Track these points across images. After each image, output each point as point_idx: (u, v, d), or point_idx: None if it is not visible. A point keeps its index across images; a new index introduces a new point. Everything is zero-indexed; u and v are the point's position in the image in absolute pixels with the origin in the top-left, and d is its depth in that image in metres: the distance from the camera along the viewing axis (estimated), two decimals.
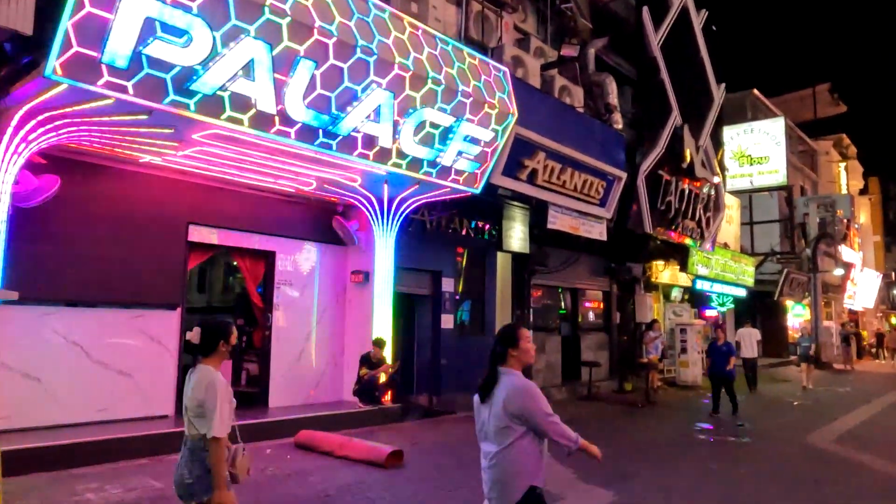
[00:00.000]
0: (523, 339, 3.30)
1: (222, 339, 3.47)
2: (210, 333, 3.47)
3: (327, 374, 10.67)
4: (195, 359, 3.51)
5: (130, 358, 8.28)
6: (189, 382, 3.45)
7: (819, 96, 39.48)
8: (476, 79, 9.05)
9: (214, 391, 3.29)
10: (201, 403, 3.29)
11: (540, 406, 3.12)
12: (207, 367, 3.42)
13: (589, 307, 16.96)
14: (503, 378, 3.21)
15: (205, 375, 3.36)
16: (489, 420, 3.19)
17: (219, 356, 3.47)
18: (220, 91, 6.38)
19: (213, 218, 9.30)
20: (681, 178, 15.51)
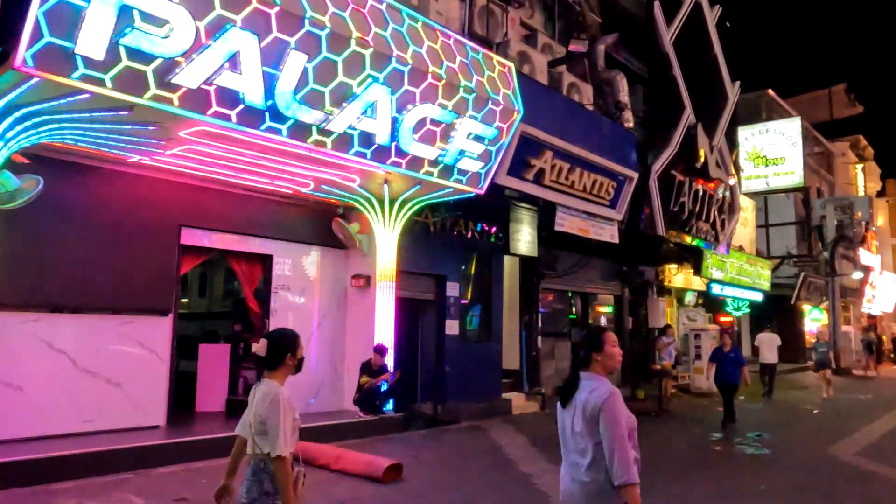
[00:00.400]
0: (609, 342, 3.14)
1: (289, 352, 3.29)
2: (276, 345, 3.27)
3: (327, 382, 10.29)
4: (260, 373, 3.34)
5: (119, 366, 7.94)
6: (253, 398, 3.25)
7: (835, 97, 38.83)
8: (479, 74, 8.67)
9: (277, 407, 3.10)
10: (264, 420, 3.11)
11: (616, 418, 2.91)
12: (272, 381, 3.23)
13: (600, 312, 16.50)
14: (586, 383, 3.06)
15: (269, 389, 3.17)
16: (572, 427, 3.05)
17: (285, 370, 3.28)
18: (205, 85, 6.05)
19: (207, 220, 8.97)
20: (694, 179, 15.04)
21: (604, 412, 2.90)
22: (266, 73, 6.38)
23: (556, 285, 14.33)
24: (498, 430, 10.64)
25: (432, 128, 8.23)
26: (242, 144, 7.17)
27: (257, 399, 3.20)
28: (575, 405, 3.03)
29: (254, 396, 3.26)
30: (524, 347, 13.44)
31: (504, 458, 8.52)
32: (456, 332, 11.63)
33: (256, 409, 3.17)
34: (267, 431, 3.10)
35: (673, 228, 14.35)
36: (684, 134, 14.30)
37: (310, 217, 10.14)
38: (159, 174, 8.32)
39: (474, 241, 12.11)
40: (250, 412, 3.21)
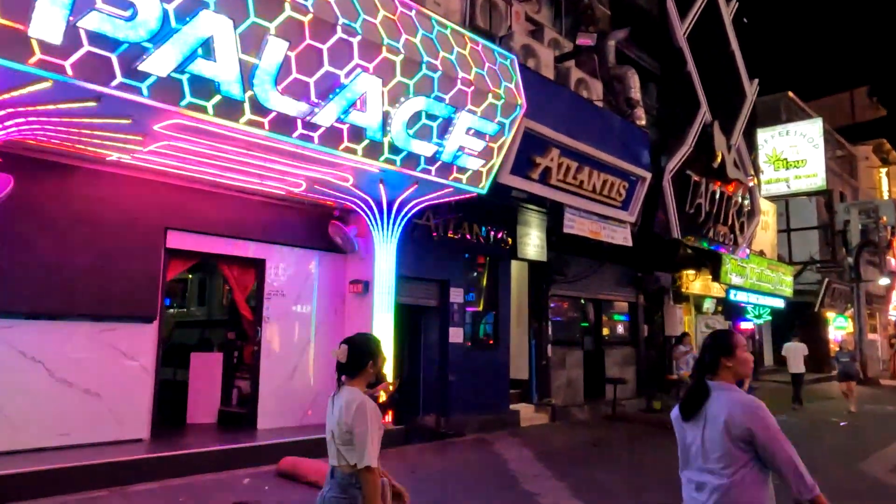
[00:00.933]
0: (739, 346, 2.89)
1: (371, 359, 3.18)
2: (358, 352, 3.16)
3: (324, 392, 9.80)
4: (339, 380, 3.19)
5: (99, 376, 7.53)
6: (334, 406, 3.12)
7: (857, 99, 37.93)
8: (479, 66, 8.20)
9: (364, 415, 2.96)
10: (350, 429, 2.97)
11: (775, 430, 2.68)
12: (355, 388, 3.11)
13: (614, 320, 15.88)
14: (718, 393, 2.79)
15: (353, 397, 3.03)
16: (702, 443, 2.77)
17: (365, 377, 3.19)
18: (176, 73, 5.62)
19: (195, 223, 8.56)
20: (711, 180, 14.41)
21: (757, 428, 2.65)
22: (243, 61, 5.94)
23: (567, 291, 13.76)
24: (504, 444, 10.09)
25: (428, 122, 7.75)
26: (224, 140, 6.74)
27: (340, 407, 3.04)
28: (705, 418, 2.77)
29: (333, 405, 3.12)
30: (533, 356, 12.87)
31: (508, 475, 7.99)
32: (460, 340, 11.11)
33: (340, 417, 3.02)
34: (353, 441, 2.95)
35: (689, 231, 13.72)
36: (700, 132, 13.70)
37: (305, 220, 9.70)
38: (143, 174, 7.93)
39: (480, 246, 11.61)
40: (330, 422, 3.09)
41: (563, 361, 13.48)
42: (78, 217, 7.47)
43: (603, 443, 10.71)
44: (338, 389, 3.16)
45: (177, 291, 14.28)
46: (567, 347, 13.75)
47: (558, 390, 13.13)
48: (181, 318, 13.71)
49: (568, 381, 13.52)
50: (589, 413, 13.40)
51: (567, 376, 13.51)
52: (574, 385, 13.69)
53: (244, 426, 9.12)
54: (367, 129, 7.17)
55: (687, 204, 13.50)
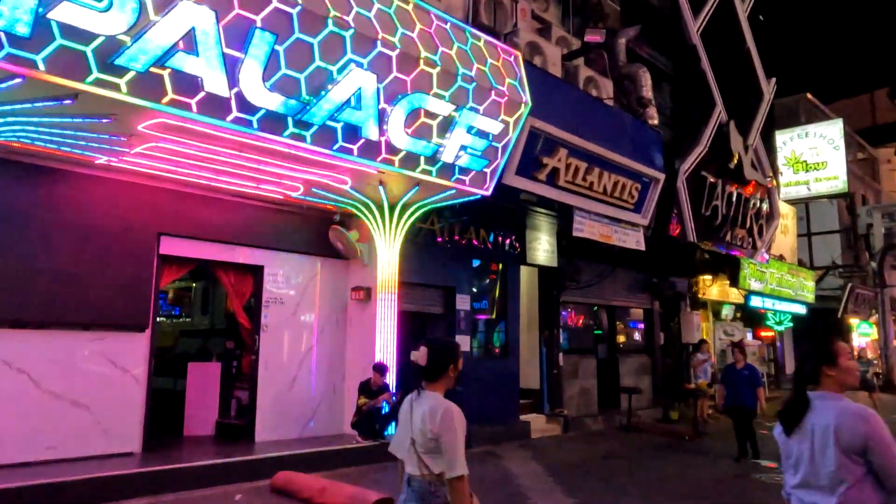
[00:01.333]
0: (843, 354, 2.67)
1: (452, 363, 3.04)
2: (439, 354, 3.02)
3: (325, 403, 9.48)
4: (418, 383, 3.07)
5: (88, 387, 7.25)
6: (414, 411, 2.98)
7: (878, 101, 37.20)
8: (480, 62, 7.87)
9: (452, 422, 2.83)
10: (437, 436, 2.83)
11: (889, 440, 2.45)
12: (437, 394, 2.97)
13: (628, 327, 15.41)
14: (822, 403, 2.60)
15: (438, 403, 2.90)
16: (811, 459, 2.57)
17: (446, 381, 3.04)
18: (156, 68, 5.35)
19: (190, 228, 8.29)
20: (728, 182, 13.93)
21: (871, 436, 2.44)
22: (228, 55, 5.66)
23: (579, 298, 13.34)
24: (513, 457, 9.68)
25: (427, 121, 7.43)
26: (213, 140, 6.47)
27: (423, 414, 2.89)
28: (810, 431, 2.58)
29: (410, 411, 2.99)
30: (544, 365, 12.45)
31: (516, 490, 7.58)
32: (467, 349, 10.73)
33: (424, 424, 2.86)
34: (440, 449, 2.82)
35: (705, 235, 13.25)
36: (715, 132, 13.24)
37: (304, 225, 9.40)
38: (134, 178, 7.67)
39: (487, 251, 11.24)
40: (408, 429, 2.95)
41: (576, 370, 13.05)
42: (66, 222, 7.21)
43: (617, 455, 10.26)
44: (417, 394, 3.02)
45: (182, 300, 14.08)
46: (580, 356, 13.32)
47: (571, 400, 12.70)
48: (186, 327, 13.47)
49: (581, 390, 13.08)
50: (603, 424, 12.95)
51: (580, 385, 13.08)
52: (587, 395, 13.25)
53: (242, 439, 8.81)
54: (361, 128, 6.86)
55: (703, 206, 13.04)
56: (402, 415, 3.04)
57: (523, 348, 12.37)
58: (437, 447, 2.84)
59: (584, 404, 13.04)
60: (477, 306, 11.64)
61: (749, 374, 9.64)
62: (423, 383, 3.01)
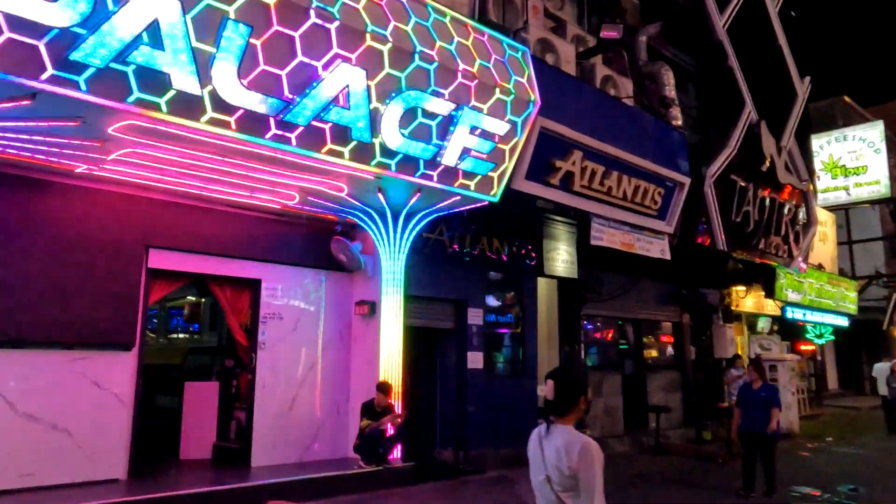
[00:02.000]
0: None
1: (582, 394, 2.97)
2: (567, 387, 2.93)
3: (328, 425, 8.94)
4: (547, 418, 2.97)
5: (69, 409, 6.84)
6: (544, 447, 2.90)
7: None
8: (484, 58, 7.33)
9: (591, 458, 2.76)
10: (575, 473, 2.76)
11: None
12: (570, 428, 2.90)
13: (656, 341, 14.60)
14: None
15: (573, 438, 2.82)
16: None
17: (577, 414, 2.97)
18: (118, 64, 4.92)
19: (181, 240, 7.87)
20: (760, 186, 13.09)
21: None
22: (199, 50, 5.21)
23: (602, 311, 12.63)
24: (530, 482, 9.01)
25: (426, 121, 6.89)
26: (191, 144, 6.02)
27: (559, 450, 2.81)
28: None
29: (539, 446, 2.92)
30: None
31: None
32: (480, 366, 10.11)
33: (560, 461, 2.80)
34: (578, 487, 2.76)
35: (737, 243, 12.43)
36: (745, 133, 12.45)
37: (305, 236, 8.93)
38: (120, 188, 7.30)
39: (501, 262, 10.62)
40: (541, 465, 2.88)
41: (600, 387, 12.30)
42: (46, 235, 6.85)
43: (645, 479, 9.51)
44: (547, 429, 2.92)
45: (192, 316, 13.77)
46: (604, 372, 12.58)
47: (594, 420, 11.94)
48: (194, 344, 13.13)
49: (605, 409, 12.32)
50: (630, 445, 12.17)
51: (604, 404, 12.32)
52: (613, 413, 12.48)
53: (239, 463, 8.32)
54: (352, 129, 6.35)
55: (733, 212, 12.23)
56: (532, 451, 2.98)
57: (542, 364, 11.69)
58: (575, 484, 2.77)
59: (609, 424, 12.27)
60: (503, 320, 11.05)
61: (766, 396, 8.19)
62: (551, 417, 2.93)
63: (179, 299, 13.49)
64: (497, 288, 10.89)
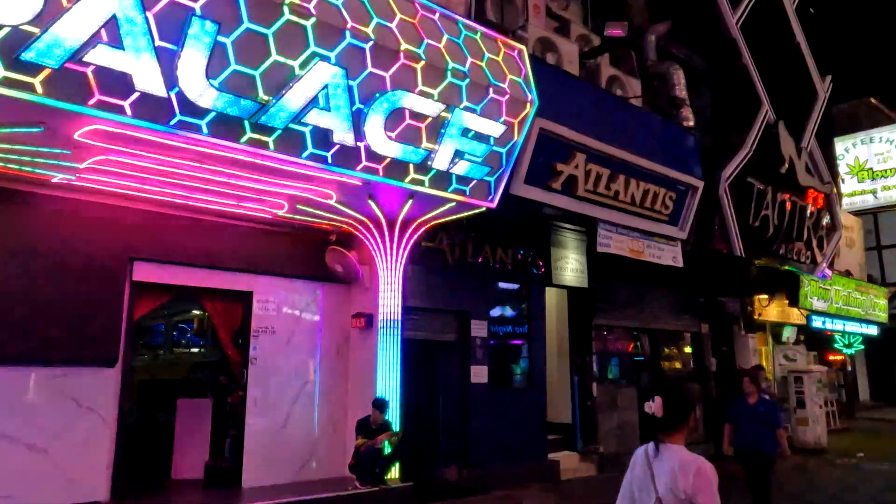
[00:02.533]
0: None
1: (691, 410, 2.91)
2: (676, 403, 2.85)
3: (324, 443, 8.57)
4: (654, 436, 2.89)
5: (47, 429, 6.56)
6: (654, 467, 2.81)
7: None
8: (476, 56, 6.98)
9: (708, 480, 2.68)
10: (691, 496, 2.68)
11: None
12: (681, 447, 2.82)
13: (674, 352, 14.02)
14: None
15: (688, 459, 2.75)
16: None
17: (686, 431, 2.87)
18: (75, 64, 4.66)
19: (167, 252, 7.60)
20: (780, 189, 12.50)
21: None
22: (162, 48, 4.93)
23: (615, 321, 12.12)
24: (536, 502, 8.56)
25: (414, 122, 6.55)
26: (165, 150, 5.74)
27: (672, 472, 2.73)
28: None
29: (647, 466, 2.83)
30: (576, 396, 11.26)
31: None
32: (484, 380, 9.68)
33: (674, 483, 2.71)
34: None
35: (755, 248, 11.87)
36: (762, 133, 11.91)
37: (299, 247, 8.61)
38: (102, 198, 7.04)
39: (507, 271, 10.21)
40: (650, 487, 2.79)
41: (614, 401, 11.78)
42: (22, 247, 6.61)
43: None
44: (654, 448, 2.84)
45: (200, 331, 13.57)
46: (618, 385, 12.05)
47: (608, 435, 11.41)
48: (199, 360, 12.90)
49: (620, 424, 11.77)
50: None
51: (618, 419, 11.78)
52: (627, 429, 11.92)
53: (230, 483, 7.98)
54: (333, 131, 6.03)
55: (750, 216, 11.67)
56: (638, 470, 2.87)
57: (552, 377, 11.25)
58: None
59: (624, 440, 11.71)
60: (509, 332, 10.65)
61: (765, 412, 7.17)
62: (658, 435, 2.84)
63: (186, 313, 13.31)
64: (502, 298, 10.49)
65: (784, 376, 14.80)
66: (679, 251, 10.26)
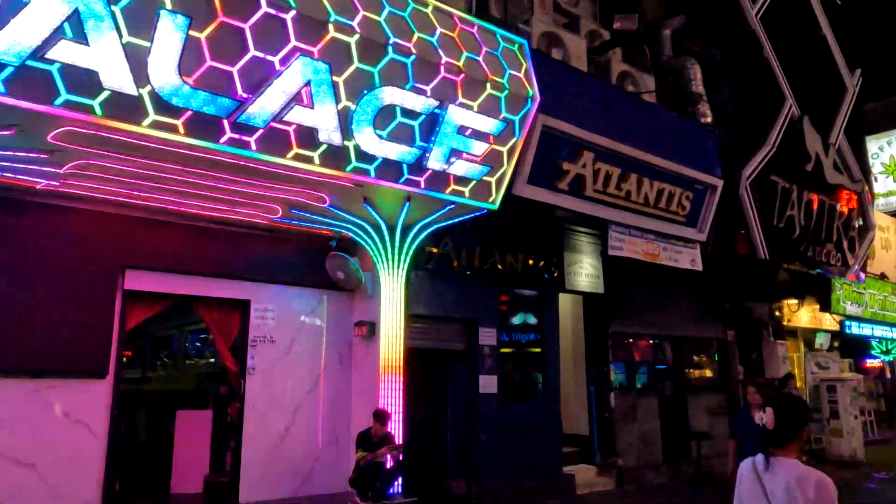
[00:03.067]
0: None
1: (806, 423, 2.83)
2: (789, 414, 2.78)
3: (326, 456, 8.26)
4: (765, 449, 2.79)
5: (35, 442, 6.38)
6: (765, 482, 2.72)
7: None
8: (472, 50, 6.67)
9: (829, 494, 2.57)
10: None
11: None
12: (796, 461, 2.72)
13: (699, 360, 13.44)
14: None
15: (807, 473, 2.63)
16: None
17: (799, 444, 2.79)
18: (37, 62, 4.46)
19: (161, 260, 7.40)
20: (806, 188, 11.89)
21: None
22: (130, 45, 4.71)
23: (634, 328, 11.64)
24: None
25: (406, 120, 6.26)
26: (144, 153, 5.54)
27: (787, 485, 2.64)
28: None
29: (757, 479, 2.75)
30: (593, 407, 10.80)
31: None
32: (494, 391, 9.28)
33: (792, 498, 2.62)
34: None
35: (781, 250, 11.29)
36: (785, 129, 11.34)
37: (299, 253, 8.36)
38: (93, 205, 6.87)
39: (517, 277, 9.83)
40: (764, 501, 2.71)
41: (633, 412, 11.28)
42: (9, 256, 6.46)
43: None
44: (764, 462, 2.75)
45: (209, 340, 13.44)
46: (638, 395, 11.55)
47: (628, 448, 10.92)
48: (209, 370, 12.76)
49: (640, 435, 11.27)
50: (668, 474, 11.10)
51: (639, 430, 11.28)
52: (649, 440, 11.41)
53: (229, 498, 7.73)
54: (318, 130, 5.76)
55: (774, 217, 11.11)
56: (746, 485, 2.80)
57: (568, 387, 10.82)
58: None
59: (645, 452, 11.21)
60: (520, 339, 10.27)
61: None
62: (770, 449, 2.76)
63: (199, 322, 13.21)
64: (513, 305, 10.09)
65: (816, 385, 14.10)
66: (698, 254, 9.76)
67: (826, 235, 12.38)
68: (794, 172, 11.58)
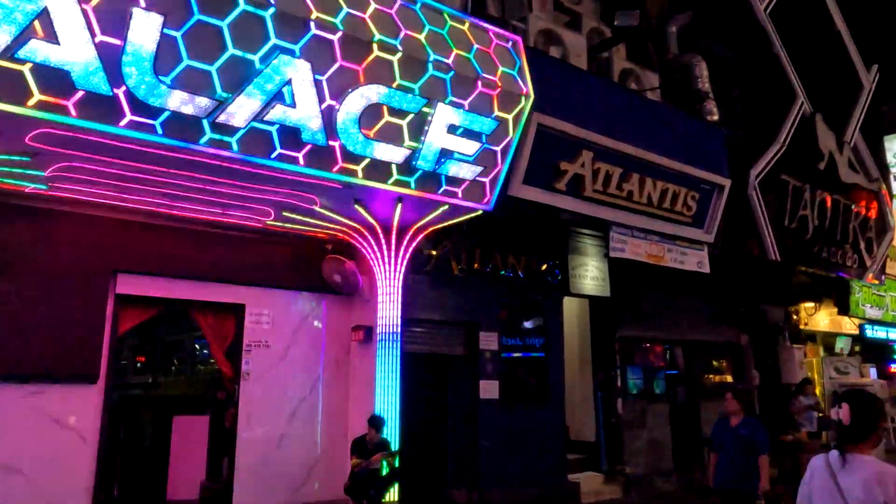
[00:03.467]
0: None
1: (881, 418, 2.77)
2: (864, 410, 2.72)
3: (323, 463, 8.14)
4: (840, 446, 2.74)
5: (22, 449, 6.32)
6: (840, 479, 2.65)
7: None
8: (462, 47, 6.52)
9: None
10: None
11: None
12: (873, 458, 2.66)
13: (712, 365, 13.11)
14: None
15: (884, 469, 2.57)
16: None
17: (875, 440, 2.73)
18: (7, 61, 4.39)
19: (154, 264, 7.33)
20: (819, 187, 11.53)
21: None
22: (102, 43, 4.63)
23: (643, 332, 11.37)
24: None
25: (393, 119, 6.12)
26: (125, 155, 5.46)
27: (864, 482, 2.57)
28: None
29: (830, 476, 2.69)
30: (600, 413, 10.55)
31: None
32: (495, 396, 9.10)
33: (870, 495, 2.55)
34: None
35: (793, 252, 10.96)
36: (796, 126, 11.01)
37: (294, 257, 8.25)
38: (82, 209, 6.83)
39: (519, 280, 9.65)
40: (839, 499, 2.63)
41: (642, 418, 11.01)
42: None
43: None
44: (839, 458, 2.70)
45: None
46: (647, 401, 11.26)
47: (636, 455, 10.65)
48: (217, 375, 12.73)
49: (650, 442, 10.99)
50: (678, 483, 10.80)
51: (648, 437, 11.00)
52: (658, 448, 11.12)
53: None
54: (302, 130, 5.64)
55: (786, 217, 10.78)
56: (818, 482, 2.74)
57: (574, 393, 10.60)
58: None
59: (654, 460, 10.92)
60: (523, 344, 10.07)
61: (747, 435, 5.77)
62: (845, 446, 2.72)
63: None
64: (515, 308, 9.89)
65: (834, 391, 13.68)
66: (705, 256, 9.49)
67: (842, 236, 12.00)
68: (807, 172, 11.24)
